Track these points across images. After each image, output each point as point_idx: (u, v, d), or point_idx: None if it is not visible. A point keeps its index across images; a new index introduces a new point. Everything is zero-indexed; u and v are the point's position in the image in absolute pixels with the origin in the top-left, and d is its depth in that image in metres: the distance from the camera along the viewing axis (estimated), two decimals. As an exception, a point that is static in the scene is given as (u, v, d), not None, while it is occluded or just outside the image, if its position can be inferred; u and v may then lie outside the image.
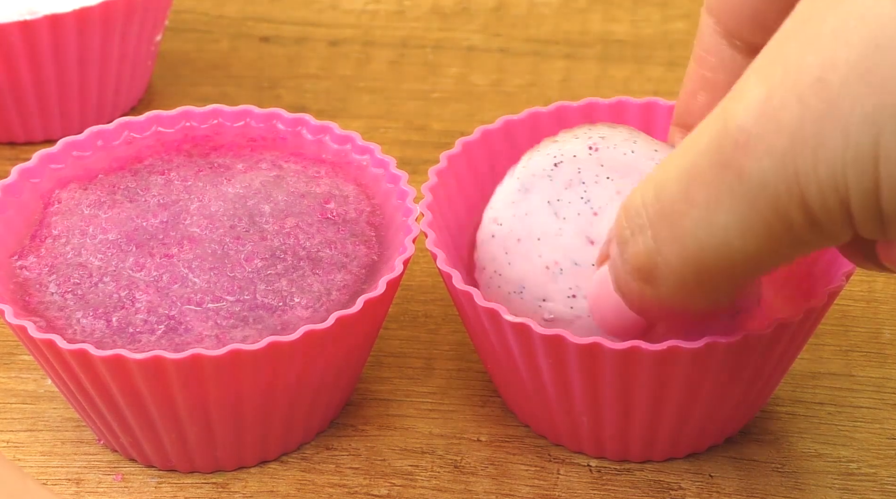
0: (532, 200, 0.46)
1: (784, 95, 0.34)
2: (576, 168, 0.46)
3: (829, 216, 0.35)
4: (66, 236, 0.48)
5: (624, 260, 0.40)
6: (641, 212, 0.39)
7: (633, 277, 0.40)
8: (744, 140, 0.35)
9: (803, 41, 0.34)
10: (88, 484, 0.48)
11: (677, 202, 0.38)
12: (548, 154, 0.47)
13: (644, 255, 0.39)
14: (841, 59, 0.33)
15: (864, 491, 0.48)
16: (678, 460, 0.49)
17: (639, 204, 0.39)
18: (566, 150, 0.47)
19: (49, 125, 0.64)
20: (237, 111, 0.53)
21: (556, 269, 0.45)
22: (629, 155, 0.46)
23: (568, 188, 0.46)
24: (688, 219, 0.37)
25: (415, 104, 0.67)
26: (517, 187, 0.47)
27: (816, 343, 0.53)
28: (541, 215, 0.46)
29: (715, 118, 0.37)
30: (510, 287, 0.46)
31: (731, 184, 0.36)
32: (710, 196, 0.37)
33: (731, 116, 0.36)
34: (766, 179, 0.35)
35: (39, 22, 0.59)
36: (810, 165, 0.34)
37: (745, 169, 0.35)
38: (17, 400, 0.52)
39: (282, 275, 0.47)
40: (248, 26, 0.73)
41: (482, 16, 0.73)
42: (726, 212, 0.36)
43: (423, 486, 0.48)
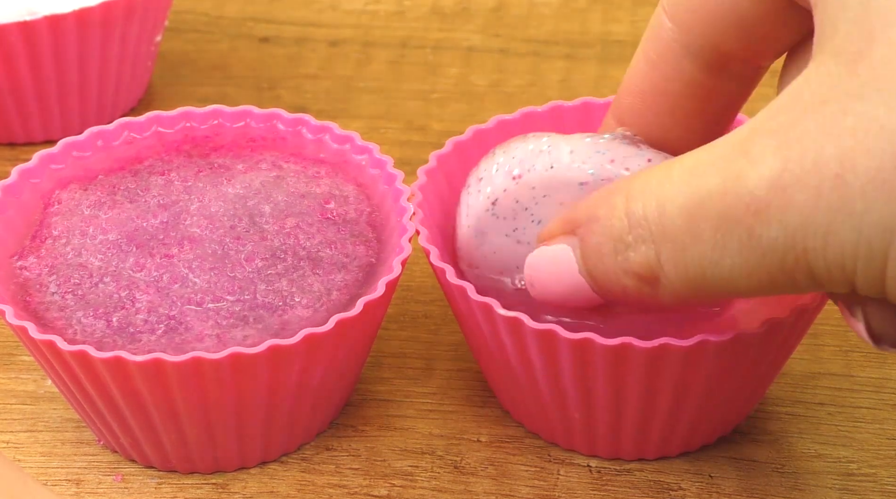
0: (491, 240, 0.47)
1: (801, 178, 0.36)
2: (513, 200, 0.46)
3: (833, 283, 0.37)
4: (67, 237, 0.48)
5: (623, 261, 0.41)
6: (643, 224, 0.40)
7: (630, 278, 0.41)
8: (755, 207, 0.36)
9: (822, 127, 0.36)
10: (88, 485, 0.48)
11: (683, 232, 0.39)
12: (481, 194, 0.47)
13: (646, 265, 0.40)
14: (861, 165, 0.35)
15: (864, 492, 0.48)
16: (678, 461, 0.49)
17: (640, 214, 0.40)
18: (495, 186, 0.46)
19: (49, 126, 0.64)
20: (237, 112, 0.53)
21: None
22: (550, 170, 0.45)
23: (516, 218, 0.46)
24: (692, 251, 0.38)
25: (415, 104, 0.67)
26: (473, 234, 0.47)
27: (816, 343, 0.53)
28: (507, 249, 0.47)
29: (726, 163, 0.37)
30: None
31: (740, 237, 0.37)
32: (717, 240, 0.38)
33: (744, 177, 0.37)
34: (775, 246, 0.37)
35: (39, 22, 0.59)
36: (820, 246, 0.36)
37: (754, 231, 0.37)
38: (17, 401, 0.52)
39: (282, 275, 0.47)
40: (248, 27, 0.73)
41: (482, 16, 0.73)
42: (732, 257, 0.38)
43: (423, 486, 0.48)
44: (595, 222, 0.42)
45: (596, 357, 0.44)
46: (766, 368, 0.47)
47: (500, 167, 0.47)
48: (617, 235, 0.41)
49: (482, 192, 0.47)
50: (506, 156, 0.47)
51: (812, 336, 0.53)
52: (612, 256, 0.41)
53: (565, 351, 0.45)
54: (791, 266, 0.37)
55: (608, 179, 0.44)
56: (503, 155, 0.47)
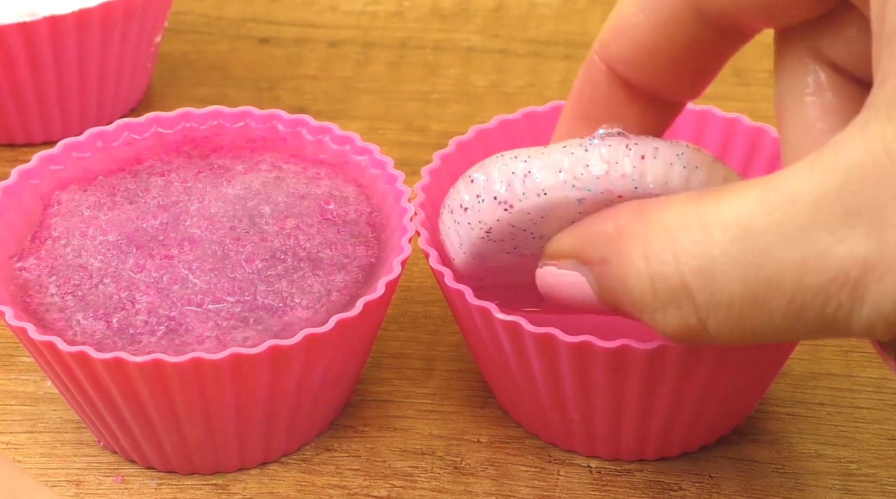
0: (492, 258, 0.45)
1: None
2: (507, 225, 0.44)
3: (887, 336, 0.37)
4: (66, 238, 0.48)
5: (651, 321, 0.39)
6: (682, 293, 0.38)
7: (662, 332, 0.40)
8: (850, 285, 0.35)
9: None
10: (88, 485, 0.48)
11: (745, 304, 0.37)
12: (472, 226, 0.45)
13: (685, 330, 0.39)
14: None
15: (864, 492, 0.48)
16: (678, 461, 0.49)
17: (677, 283, 0.38)
18: (485, 217, 0.44)
19: (49, 126, 0.64)
20: (237, 112, 0.53)
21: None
22: (543, 197, 0.43)
23: (515, 238, 0.45)
24: (755, 322, 0.37)
25: (414, 105, 0.67)
26: (470, 258, 0.46)
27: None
28: (510, 261, 0.46)
29: (804, 237, 0.36)
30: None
31: (822, 310, 0.36)
32: (790, 312, 0.36)
33: (833, 256, 0.36)
34: (858, 321, 0.36)
35: (39, 23, 0.59)
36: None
37: (843, 307, 0.36)
38: (17, 402, 0.52)
39: (282, 276, 0.47)
40: (248, 27, 0.73)
41: (481, 17, 0.73)
42: (807, 326, 0.37)
43: (423, 487, 0.48)
44: (609, 267, 0.40)
45: (595, 359, 0.44)
46: (765, 369, 0.47)
47: (484, 196, 0.44)
48: (637, 298, 0.39)
49: (472, 223, 0.45)
50: (488, 182, 0.44)
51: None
52: (635, 308, 0.40)
53: (564, 354, 0.45)
54: (859, 332, 0.36)
55: (607, 191, 0.42)
56: (485, 181, 0.44)
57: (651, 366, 0.44)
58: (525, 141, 0.52)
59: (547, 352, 0.45)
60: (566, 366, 0.45)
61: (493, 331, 0.46)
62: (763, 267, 0.36)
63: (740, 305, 0.37)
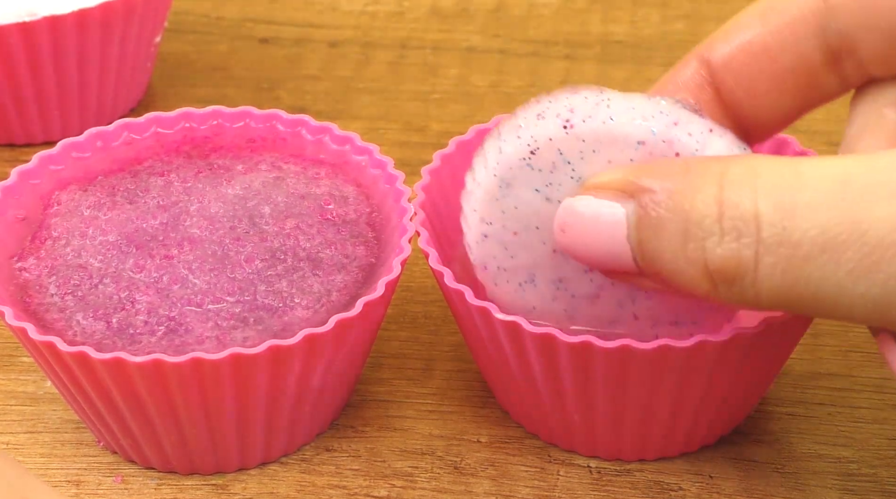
0: (517, 193, 0.44)
1: None
2: (555, 150, 0.43)
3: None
4: (66, 238, 0.48)
5: (695, 249, 0.39)
6: (750, 222, 0.38)
7: (695, 268, 0.39)
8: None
9: None
10: (88, 486, 0.48)
11: (816, 249, 0.37)
12: (519, 141, 0.44)
13: (733, 262, 0.38)
14: None
15: (865, 492, 0.48)
16: (678, 461, 0.49)
17: (746, 208, 0.38)
18: (538, 133, 0.43)
19: (48, 127, 0.64)
20: (237, 112, 0.53)
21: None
22: (609, 122, 0.42)
23: (553, 172, 0.43)
24: (817, 269, 0.37)
25: (414, 105, 0.67)
26: (496, 184, 0.44)
27: (816, 344, 0.53)
28: (532, 205, 0.44)
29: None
30: (520, 278, 0.45)
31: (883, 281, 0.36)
32: (862, 267, 0.36)
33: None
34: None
35: (39, 23, 0.59)
36: None
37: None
38: (16, 402, 0.52)
39: (282, 276, 0.47)
40: (248, 28, 0.73)
41: (481, 17, 0.73)
42: (871, 287, 0.36)
43: (423, 487, 0.48)
44: (664, 196, 0.40)
45: (595, 360, 0.44)
46: (765, 369, 0.47)
47: (545, 114, 0.43)
48: (696, 220, 0.39)
49: (521, 138, 0.43)
50: (554, 103, 0.43)
51: (812, 336, 0.53)
52: (680, 238, 0.39)
53: (564, 354, 0.44)
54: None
55: (669, 141, 0.42)
56: (550, 103, 0.43)
57: (651, 366, 0.44)
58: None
59: (547, 352, 0.45)
60: (566, 366, 0.45)
61: (492, 331, 0.46)
62: (851, 216, 0.36)
63: (809, 248, 0.37)
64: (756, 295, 0.39)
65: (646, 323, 0.46)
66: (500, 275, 0.46)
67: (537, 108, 0.44)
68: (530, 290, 0.46)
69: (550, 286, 0.45)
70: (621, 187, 0.41)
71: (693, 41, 0.70)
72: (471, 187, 0.45)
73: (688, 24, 0.73)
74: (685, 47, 0.70)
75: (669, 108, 0.43)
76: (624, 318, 0.46)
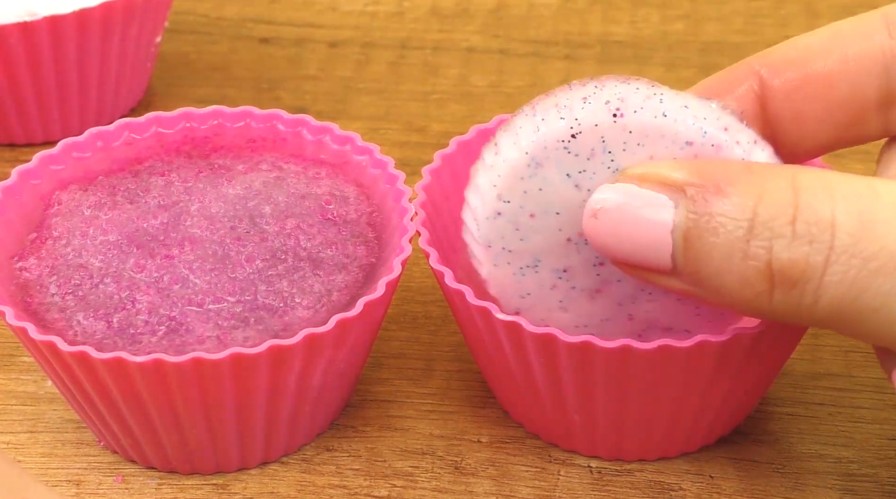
0: (546, 174, 0.43)
1: None
2: (599, 137, 0.42)
3: None
4: (67, 238, 0.48)
5: (758, 248, 0.39)
6: (826, 229, 0.38)
7: (753, 269, 0.39)
8: None
9: None
10: (89, 485, 0.48)
11: (886, 261, 0.37)
12: (561, 122, 0.42)
13: (799, 267, 0.38)
14: None
15: (865, 492, 0.48)
16: (678, 461, 0.49)
17: (825, 218, 0.38)
18: (583, 117, 0.42)
19: (49, 127, 0.64)
20: (237, 112, 0.53)
21: (580, 240, 0.44)
22: (662, 118, 0.42)
23: (591, 159, 0.42)
24: (887, 282, 0.37)
25: (414, 105, 0.67)
26: (526, 162, 0.43)
27: (816, 344, 0.53)
28: (559, 189, 0.43)
29: None
30: (523, 262, 0.44)
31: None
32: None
33: None
34: None
35: (39, 23, 0.59)
36: None
37: None
38: (17, 401, 0.52)
39: (282, 276, 0.47)
40: (248, 28, 0.73)
41: (481, 17, 0.73)
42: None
43: (424, 487, 0.48)
44: (720, 194, 0.39)
45: (596, 360, 0.44)
46: (766, 369, 0.47)
47: (593, 99, 0.42)
48: (764, 221, 0.38)
49: (564, 119, 0.42)
50: (602, 90, 0.42)
51: (812, 336, 0.53)
52: (740, 237, 0.39)
53: (564, 354, 0.44)
54: None
55: (718, 146, 0.42)
56: (597, 88, 0.42)
57: (651, 367, 0.44)
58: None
59: (547, 352, 0.45)
60: (567, 366, 0.45)
61: (493, 331, 0.46)
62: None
63: (884, 262, 0.37)
64: (814, 302, 0.38)
65: (638, 325, 0.45)
66: (503, 256, 0.45)
67: (582, 92, 0.42)
68: (530, 275, 0.45)
69: (552, 275, 0.45)
70: (671, 182, 0.40)
71: (693, 41, 0.71)
72: (491, 162, 0.44)
73: (687, 24, 0.73)
74: (685, 47, 0.70)
75: (720, 112, 0.42)
76: (618, 317, 0.45)
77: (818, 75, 0.44)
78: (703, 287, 0.41)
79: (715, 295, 0.40)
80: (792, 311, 0.39)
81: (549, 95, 0.43)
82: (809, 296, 0.39)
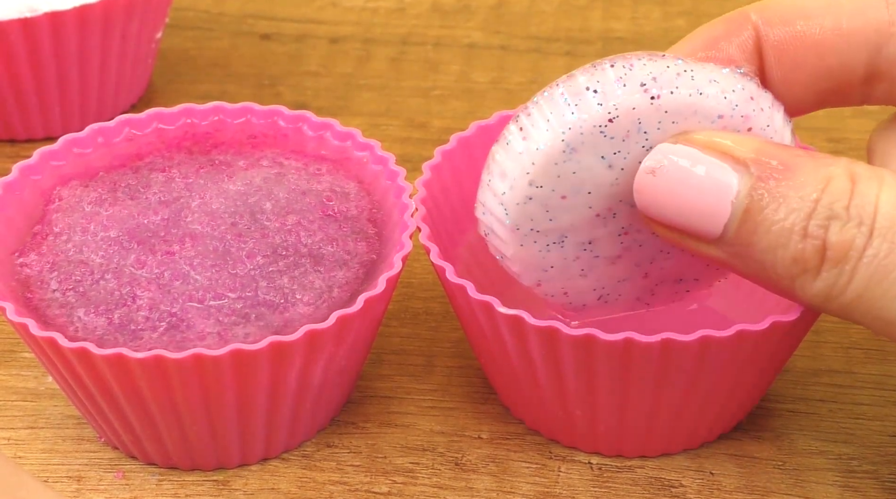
0: (581, 158, 0.43)
1: None
2: (635, 120, 0.42)
3: None
4: (68, 233, 0.48)
5: (817, 228, 0.41)
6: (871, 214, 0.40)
7: (809, 245, 0.41)
8: None
9: None
10: (89, 481, 0.48)
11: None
12: (598, 107, 0.42)
13: (846, 246, 0.41)
14: None
15: (865, 488, 0.48)
16: (679, 458, 0.49)
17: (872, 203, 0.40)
18: (620, 102, 0.42)
19: (50, 122, 0.64)
20: (238, 108, 0.53)
21: (608, 214, 0.44)
22: (696, 96, 0.42)
23: (626, 140, 0.42)
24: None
25: (415, 101, 0.67)
26: (561, 148, 0.42)
27: (817, 340, 0.53)
28: (592, 171, 0.43)
29: None
30: (550, 239, 0.44)
31: None
32: None
33: None
34: None
35: (40, 19, 0.59)
36: None
37: None
38: (17, 397, 0.52)
39: (283, 272, 0.47)
40: (249, 24, 0.73)
41: (483, 13, 0.73)
42: None
43: (424, 483, 0.48)
44: (787, 176, 0.41)
45: (598, 353, 0.44)
46: (767, 366, 0.47)
47: (627, 81, 0.42)
48: (827, 203, 0.40)
49: (603, 105, 0.42)
50: (633, 70, 0.42)
51: (813, 333, 0.53)
52: (802, 213, 0.41)
53: (567, 348, 0.44)
54: None
55: (746, 116, 0.43)
56: (625, 69, 0.42)
57: (654, 360, 0.44)
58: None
59: (549, 346, 0.45)
60: (569, 360, 0.45)
61: (494, 325, 0.46)
62: None
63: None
64: (848, 282, 0.40)
65: (652, 281, 0.46)
66: (530, 236, 0.45)
67: (613, 73, 0.42)
68: (556, 250, 0.45)
69: (577, 248, 0.45)
70: (737, 155, 0.41)
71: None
72: (520, 148, 0.43)
73: (689, 20, 0.73)
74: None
75: (744, 81, 0.43)
76: (635, 277, 0.46)
77: (811, 42, 0.45)
78: (749, 260, 0.42)
79: (758, 269, 0.42)
80: (825, 291, 0.41)
81: (573, 77, 0.43)
82: (846, 275, 0.41)
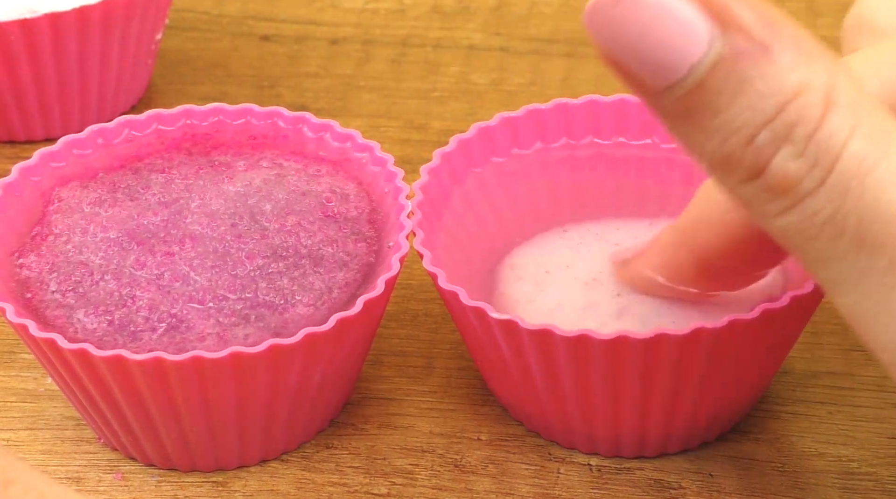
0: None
1: None
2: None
3: None
4: (67, 235, 0.48)
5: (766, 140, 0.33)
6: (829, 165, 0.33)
7: (751, 158, 0.34)
8: None
9: None
10: (88, 483, 0.48)
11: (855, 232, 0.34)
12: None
13: (789, 184, 0.34)
14: None
15: (865, 491, 0.48)
16: (678, 460, 0.49)
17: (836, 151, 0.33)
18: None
19: (49, 123, 0.64)
20: (238, 109, 0.53)
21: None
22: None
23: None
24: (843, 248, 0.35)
25: (415, 103, 0.67)
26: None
27: (816, 342, 0.53)
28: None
29: None
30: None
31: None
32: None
33: None
34: None
35: (40, 20, 0.59)
36: None
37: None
38: (17, 398, 0.52)
39: (283, 273, 0.47)
40: (249, 25, 0.73)
41: (482, 14, 0.73)
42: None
43: (424, 485, 0.48)
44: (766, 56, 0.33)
45: (593, 352, 0.44)
46: (764, 360, 0.47)
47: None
48: (787, 119, 0.33)
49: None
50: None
51: (812, 335, 0.53)
52: (762, 117, 0.33)
53: (561, 348, 0.45)
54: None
55: None
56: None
57: (648, 356, 0.44)
58: (528, 138, 0.52)
59: (544, 347, 0.45)
60: (564, 360, 0.45)
61: (488, 330, 0.46)
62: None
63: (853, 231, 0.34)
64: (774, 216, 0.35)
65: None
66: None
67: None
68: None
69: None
70: (716, 9, 0.33)
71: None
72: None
73: (689, 22, 0.72)
74: (686, 46, 0.70)
75: None
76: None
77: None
78: (682, 130, 0.35)
79: (687, 143, 0.35)
80: (745, 203, 0.35)
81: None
82: (775, 208, 0.34)
